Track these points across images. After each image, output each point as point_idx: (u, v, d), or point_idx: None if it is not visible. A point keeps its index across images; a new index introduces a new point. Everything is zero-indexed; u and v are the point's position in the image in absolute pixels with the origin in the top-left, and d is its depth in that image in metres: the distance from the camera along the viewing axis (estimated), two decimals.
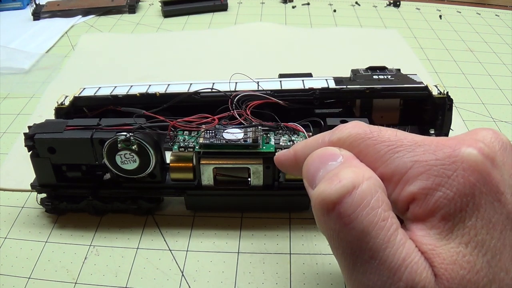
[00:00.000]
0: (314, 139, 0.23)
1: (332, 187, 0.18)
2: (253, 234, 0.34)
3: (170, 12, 0.74)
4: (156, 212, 0.36)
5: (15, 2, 0.78)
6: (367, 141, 0.20)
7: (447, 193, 0.18)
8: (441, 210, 0.18)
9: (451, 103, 0.37)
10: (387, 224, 0.18)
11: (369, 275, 0.18)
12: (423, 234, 0.18)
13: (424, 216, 0.18)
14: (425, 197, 0.18)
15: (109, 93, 0.38)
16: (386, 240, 0.17)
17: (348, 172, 0.19)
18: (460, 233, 0.17)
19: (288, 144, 0.32)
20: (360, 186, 0.18)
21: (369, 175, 0.19)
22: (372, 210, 0.18)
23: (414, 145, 0.19)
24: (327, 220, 0.19)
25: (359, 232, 0.18)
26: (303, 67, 0.46)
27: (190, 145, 0.32)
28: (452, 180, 0.18)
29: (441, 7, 0.78)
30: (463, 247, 0.17)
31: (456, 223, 0.17)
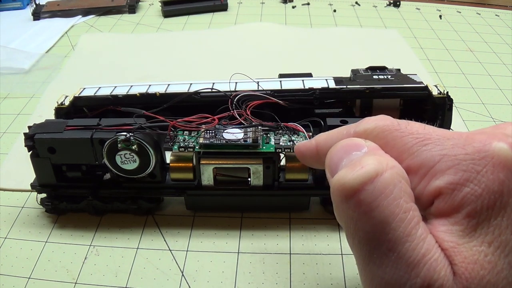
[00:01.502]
0: (338, 130, 0.23)
1: (354, 173, 0.18)
2: (253, 234, 0.34)
3: (170, 12, 0.74)
4: (156, 212, 0.36)
5: (15, 2, 0.78)
6: (394, 133, 0.20)
7: (475, 189, 0.17)
8: (468, 207, 0.17)
9: (451, 103, 0.37)
10: (408, 216, 0.17)
11: (385, 268, 0.17)
12: (445, 230, 0.17)
13: (449, 212, 0.18)
14: (452, 192, 0.17)
15: (109, 93, 0.38)
16: (406, 233, 0.17)
17: (372, 159, 0.18)
18: (484, 232, 0.17)
19: (288, 144, 0.32)
20: (383, 174, 0.18)
21: (392, 164, 0.18)
22: (394, 200, 0.17)
23: (443, 138, 0.19)
24: (346, 207, 0.18)
25: (379, 222, 0.17)
26: (303, 67, 0.46)
27: (190, 145, 0.32)
28: (481, 176, 0.17)
29: (441, 7, 0.78)
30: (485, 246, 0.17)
31: (481, 221, 0.17)
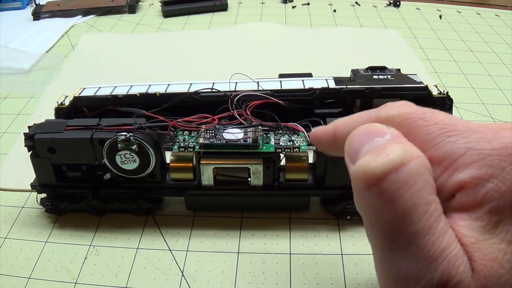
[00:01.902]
0: (359, 115, 0.22)
1: (378, 161, 0.17)
2: (253, 234, 0.34)
3: (170, 12, 0.74)
4: (156, 212, 0.36)
5: (15, 2, 0.78)
6: (418, 121, 0.19)
7: (499, 186, 0.17)
8: (490, 203, 0.17)
9: (451, 103, 0.37)
10: (430, 209, 0.17)
11: (404, 260, 0.17)
12: (465, 225, 0.17)
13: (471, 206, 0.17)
14: (475, 187, 0.17)
15: (109, 93, 0.38)
16: (427, 226, 0.16)
17: (397, 148, 0.18)
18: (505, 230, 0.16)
19: (288, 144, 0.32)
20: (408, 164, 0.17)
21: (418, 154, 0.18)
22: (417, 191, 0.17)
23: (469, 131, 0.18)
24: (367, 195, 0.18)
25: (400, 213, 0.17)
26: (303, 67, 0.46)
27: (190, 145, 0.32)
28: (506, 173, 0.17)
29: (441, 7, 0.78)
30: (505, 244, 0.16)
31: (503, 218, 0.17)
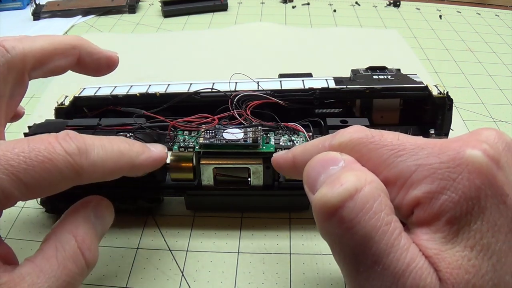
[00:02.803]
0: (313, 143, 0.23)
1: (334, 191, 0.18)
2: (253, 234, 0.34)
3: (170, 12, 0.74)
4: (156, 212, 0.36)
5: (15, 2, 0.78)
6: (369, 146, 0.20)
7: (452, 197, 0.17)
8: (447, 214, 0.17)
9: (451, 103, 0.37)
10: (390, 228, 0.17)
11: (372, 281, 0.17)
12: (427, 238, 0.18)
13: (429, 220, 0.18)
14: (430, 201, 0.18)
15: (109, 93, 0.38)
16: (389, 245, 0.17)
17: (350, 176, 0.18)
18: (466, 237, 0.17)
19: (288, 144, 0.32)
20: (362, 190, 0.18)
21: (371, 178, 0.19)
22: (375, 214, 0.17)
23: (417, 148, 0.19)
24: (329, 225, 0.18)
25: (362, 236, 0.17)
26: (303, 67, 0.46)
27: (190, 145, 0.32)
28: (457, 183, 0.17)
29: (441, 7, 0.78)
30: (468, 250, 0.17)
31: (461, 226, 0.17)
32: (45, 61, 0.26)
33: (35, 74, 0.27)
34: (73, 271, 0.21)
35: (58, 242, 0.22)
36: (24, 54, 0.25)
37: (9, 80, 0.24)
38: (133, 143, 0.26)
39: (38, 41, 0.26)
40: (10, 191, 0.20)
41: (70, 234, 0.22)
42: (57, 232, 0.22)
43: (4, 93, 0.24)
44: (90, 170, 0.22)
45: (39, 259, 0.21)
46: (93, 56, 0.29)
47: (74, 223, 0.23)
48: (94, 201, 0.25)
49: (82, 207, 0.24)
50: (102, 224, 0.25)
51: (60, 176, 0.21)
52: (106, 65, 0.30)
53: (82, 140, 0.22)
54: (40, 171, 0.20)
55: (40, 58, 0.26)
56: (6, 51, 0.24)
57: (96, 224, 0.24)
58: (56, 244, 0.21)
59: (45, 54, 0.26)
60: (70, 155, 0.21)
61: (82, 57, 0.28)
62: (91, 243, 0.23)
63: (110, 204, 0.26)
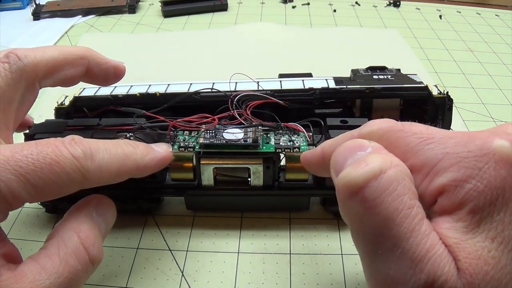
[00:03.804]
0: (343, 135, 0.23)
1: (358, 170, 0.18)
2: (253, 234, 0.34)
3: (170, 12, 0.74)
4: (156, 212, 0.36)
5: (15, 2, 0.77)
6: (398, 133, 0.20)
7: (477, 186, 0.17)
8: (470, 203, 0.17)
9: (451, 103, 0.37)
10: (412, 213, 0.17)
11: (390, 263, 0.17)
12: (448, 227, 0.18)
13: (452, 208, 0.18)
14: (455, 189, 0.18)
15: (109, 93, 0.38)
16: (410, 229, 0.17)
17: (376, 157, 0.19)
18: (487, 228, 0.17)
19: (288, 144, 0.32)
20: (387, 171, 0.18)
21: (397, 162, 0.19)
22: (398, 196, 0.17)
23: (445, 137, 0.19)
24: (351, 203, 0.18)
25: (383, 218, 0.17)
26: (303, 67, 0.46)
27: (190, 145, 0.32)
28: (483, 172, 0.17)
29: (441, 7, 0.78)
30: (489, 242, 0.17)
31: (484, 217, 0.17)
32: (56, 70, 0.27)
33: (46, 83, 0.27)
34: (76, 267, 0.21)
35: (61, 239, 0.22)
36: (36, 63, 0.25)
37: (20, 87, 0.25)
38: (137, 145, 0.27)
39: (48, 51, 0.27)
40: (18, 192, 0.20)
41: (72, 231, 0.22)
42: (59, 230, 0.22)
43: (15, 99, 0.25)
44: (97, 174, 0.23)
45: (42, 257, 0.21)
46: (101, 66, 0.30)
47: (77, 220, 0.23)
48: (96, 200, 0.25)
49: (84, 206, 0.24)
50: (105, 222, 0.25)
51: (68, 179, 0.22)
52: (114, 74, 0.31)
53: (88, 144, 0.23)
54: (48, 173, 0.21)
55: (51, 67, 0.27)
56: (19, 59, 0.25)
57: (99, 222, 0.24)
58: (59, 241, 0.22)
59: (56, 63, 0.27)
60: (76, 159, 0.22)
61: (91, 67, 0.29)
62: (95, 239, 0.23)
63: (111, 202, 0.26)
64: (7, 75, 0.24)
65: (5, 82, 0.24)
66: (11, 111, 0.25)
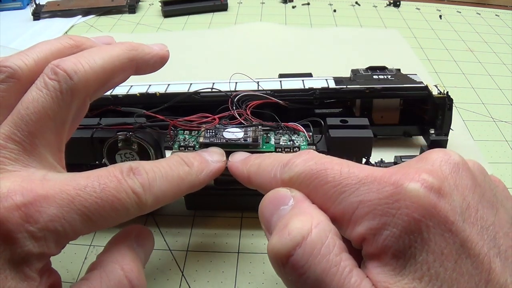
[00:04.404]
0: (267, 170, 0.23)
1: (283, 241, 0.19)
2: (253, 234, 0.34)
3: (170, 12, 0.74)
4: (156, 212, 0.36)
5: (15, 2, 0.78)
6: (315, 182, 0.20)
7: (393, 231, 0.18)
8: (391, 248, 0.18)
9: (451, 103, 0.37)
10: (339, 269, 0.18)
11: None
12: (378, 271, 0.18)
13: (377, 254, 0.18)
14: (373, 237, 0.18)
15: (109, 93, 0.38)
16: (340, 284, 0.18)
17: (296, 223, 0.19)
18: (413, 269, 0.17)
19: (288, 144, 0.32)
20: (309, 236, 0.18)
21: (317, 220, 0.19)
22: (323, 257, 0.18)
23: (359, 183, 0.19)
24: (283, 272, 0.19)
25: (314, 280, 0.18)
26: (303, 67, 0.46)
27: (190, 144, 0.32)
28: (396, 218, 0.18)
29: (441, 7, 0.78)
30: (417, 282, 0.17)
31: (407, 259, 0.17)
32: (106, 81, 0.25)
33: (96, 96, 0.26)
34: None
35: (104, 271, 0.22)
36: (87, 79, 0.23)
37: (72, 106, 0.23)
38: (192, 162, 0.26)
39: (96, 59, 0.24)
40: (80, 229, 0.20)
41: (116, 264, 0.22)
42: (102, 262, 0.22)
43: (67, 119, 0.23)
44: (153, 205, 0.23)
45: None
46: (149, 62, 0.28)
47: (119, 252, 0.23)
48: (136, 230, 0.25)
49: (125, 237, 0.24)
50: (145, 252, 0.25)
51: (126, 214, 0.22)
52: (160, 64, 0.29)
53: (145, 174, 0.22)
54: (109, 211, 0.21)
55: (102, 80, 0.25)
56: (69, 77, 0.23)
57: (139, 253, 0.24)
58: (101, 274, 0.21)
59: (106, 74, 0.25)
60: (136, 194, 0.22)
61: (139, 66, 0.27)
62: (138, 272, 0.23)
63: (150, 232, 0.26)
64: (58, 96, 0.22)
65: (56, 103, 0.22)
66: (63, 133, 0.24)
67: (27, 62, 0.23)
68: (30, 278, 0.19)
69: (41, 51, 0.24)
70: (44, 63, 0.24)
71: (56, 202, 0.20)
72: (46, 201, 0.19)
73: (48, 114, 0.22)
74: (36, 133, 0.22)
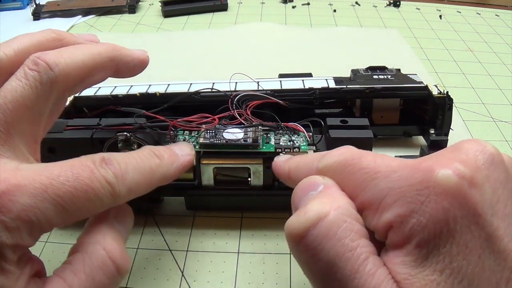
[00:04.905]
0: (306, 162, 0.24)
1: (299, 220, 0.19)
2: (253, 234, 0.34)
3: (170, 12, 0.74)
4: (156, 212, 0.36)
5: (15, 2, 0.77)
6: (348, 168, 0.20)
7: (420, 220, 0.17)
8: (416, 237, 0.17)
9: (451, 103, 0.37)
10: (354, 254, 0.18)
11: None
12: (399, 261, 0.18)
13: (401, 243, 0.18)
14: (400, 225, 0.18)
15: (109, 93, 0.38)
16: (354, 270, 0.17)
17: (315, 204, 0.19)
18: (435, 260, 0.17)
19: (288, 144, 0.32)
20: (326, 217, 0.18)
21: (338, 204, 0.19)
22: (338, 241, 0.18)
23: (390, 171, 0.19)
24: (297, 251, 0.19)
25: (326, 263, 0.18)
26: (303, 67, 0.46)
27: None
28: (425, 206, 0.17)
29: (441, 7, 0.78)
30: (437, 274, 0.17)
31: (431, 250, 0.17)
32: (86, 77, 0.25)
33: (75, 91, 0.26)
34: (103, 282, 0.21)
35: (86, 254, 0.21)
36: (67, 72, 0.24)
37: (51, 98, 0.23)
38: (162, 155, 0.26)
39: (77, 54, 0.25)
40: (54, 220, 0.20)
41: (97, 244, 0.22)
42: (83, 244, 0.22)
43: (44, 111, 0.23)
44: (126, 196, 0.23)
45: (67, 273, 0.21)
46: (129, 64, 0.28)
47: (100, 232, 0.22)
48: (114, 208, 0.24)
49: (103, 215, 0.24)
50: (125, 228, 0.24)
51: (100, 204, 0.21)
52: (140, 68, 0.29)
53: (117, 164, 0.22)
54: (83, 201, 0.20)
55: (81, 75, 0.25)
56: (50, 69, 0.23)
57: (120, 230, 0.24)
58: (84, 256, 0.21)
59: (86, 69, 0.25)
60: (109, 184, 0.21)
61: (119, 68, 0.28)
62: (121, 250, 0.22)
63: (128, 207, 0.25)
64: (37, 87, 0.22)
65: (35, 94, 0.22)
66: (40, 125, 0.23)
67: (7, 53, 0.23)
68: (6, 271, 0.19)
69: (22, 43, 0.25)
70: (24, 54, 0.24)
71: (29, 192, 0.19)
72: (18, 191, 0.19)
73: (26, 104, 0.22)
74: (13, 123, 0.21)
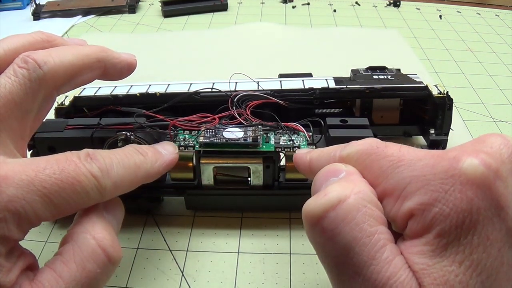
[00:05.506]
0: (328, 152, 0.23)
1: (318, 201, 0.19)
2: (253, 234, 0.34)
3: (170, 12, 0.74)
4: (156, 212, 0.36)
5: (15, 2, 0.78)
6: (371, 156, 0.20)
7: (443, 209, 0.17)
8: (437, 227, 0.17)
9: (451, 103, 0.37)
10: (372, 240, 0.17)
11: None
12: (416, 251, 0.18)
13: (421, 232, 0.18)
14: (422, 213, 0.18)
15: (109, 93, 0.38)
16: (370, 257, 0.17)
17: (336, 186, 0.19)
18: (455, 251, 0.17)
19: (288, 144, 0.32)
20: (346, 201, 0.18)
21: (358, 189, 0.19)
22: (357, 225, 0.18)
23: (415, 159, 0.19)
24: (312, 233, 0.19)
25: (343, 247, 0.18)
26: (303, 67, 0.46)
27: (190, 144, 0.32)
28: (448, 195, 0.17)
29: (441, 7, 0.78)
30: (456, 266, 0.16)
31: (451, 240, 0.17)
32: (74, 76, 0.26)
33: (63, 90, 0.26)
34: (94, 271, 0.21)
35: (75, 243, 0.21)
36: (55, 70, 0.24)
37: (39, 96, 0.24)
38: (146, 152, 0.26)
39: (66, 55, 0.25)
40: (42, 212, 0.20)
41: (87, 234, 0.22)
42: (73, 234, 0.22)
43: (32, 108, 0.24)
44: (112, 190, 0.23)
45: (57, 264, 0.21)
46: (117, 66, 0.29)
47: (89, 222, 0.23)
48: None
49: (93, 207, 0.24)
50: (116, 219, 0.24)
51: (87, 198, 0.21)
52: (127, 71, 0.30)
53: (102, 159, 0.22)
54: (70, 193, 0.20)
55: (69, 74, 0.25)
56: (39, 66, 0.23)
57: (110, 220, 0.24)
58: (74, 246, 0.21)
59: (74, 69, 0.26)
60: (95, 177, 0.22)
61: (107, 69, 0.28)
62: (112, 239, 0.22)
63: (118, 199, 0.26)
64: (26, 84, 0.23)
65: (23, 91, 0.23)
66: (27, 121, 0.24)
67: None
68: None
69: (12, 43, 0.25)
70: (14, 54, 0.24)
71: (16, 183, 0.19)
72: (4, 182, 0.19)
73: (15, 101, 0.22)
74: (0, 118, 0.22)
